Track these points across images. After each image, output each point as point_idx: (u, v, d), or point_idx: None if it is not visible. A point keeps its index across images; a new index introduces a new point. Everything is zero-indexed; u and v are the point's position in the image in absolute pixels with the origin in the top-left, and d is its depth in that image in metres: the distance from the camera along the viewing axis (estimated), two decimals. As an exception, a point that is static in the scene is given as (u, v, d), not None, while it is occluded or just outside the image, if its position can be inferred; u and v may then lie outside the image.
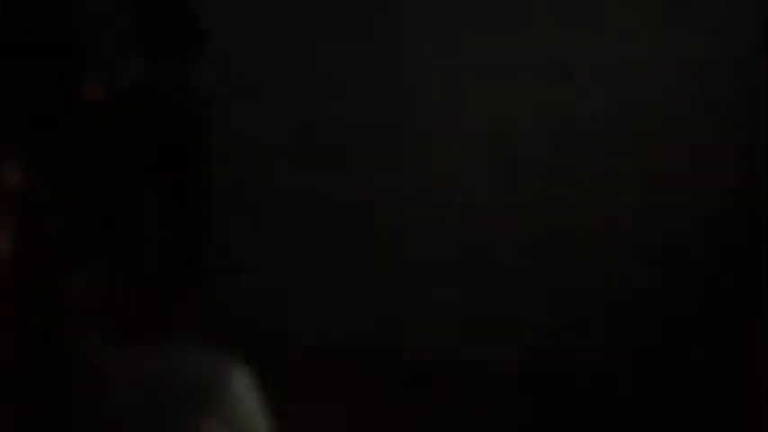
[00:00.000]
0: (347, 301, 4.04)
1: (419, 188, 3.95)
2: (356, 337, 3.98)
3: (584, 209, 3.83)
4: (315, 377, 3.61)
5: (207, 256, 3.04)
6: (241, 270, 4.02)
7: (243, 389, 1.06)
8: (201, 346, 1.07)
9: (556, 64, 3.74)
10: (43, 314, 1.00)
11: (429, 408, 3.71)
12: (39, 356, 1.02)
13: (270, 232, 4.04)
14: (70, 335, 1.06)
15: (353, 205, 3.99)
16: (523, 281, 3.91)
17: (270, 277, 4.09)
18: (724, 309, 3.75)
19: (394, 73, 3.88)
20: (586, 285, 3.84)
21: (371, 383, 3.73)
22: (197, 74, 2.92)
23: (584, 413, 3.72)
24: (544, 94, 3.78)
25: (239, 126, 3.75)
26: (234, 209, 3.75)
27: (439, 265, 3.98)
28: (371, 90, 3.91)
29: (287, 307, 4.07)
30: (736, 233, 3.72)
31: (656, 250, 3.79)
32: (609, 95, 3.76)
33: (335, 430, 3.19)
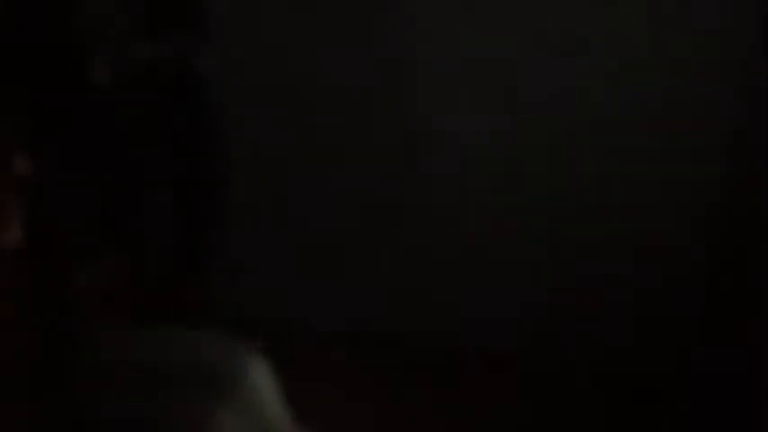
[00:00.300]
0: (348, 296, 4.04)
1: (419, 186, 3.94)
2: (356, 334, 3.98)
3: (584, 208, 3.83)
4: (316, 372, 3.62)
5: (212, 250, 3.04)
6: (241, 269, 4.02)
7: (260, 378, 1.05)
8: (220, 334, 1.06)
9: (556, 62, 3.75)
10: (51, 305, 1.00)
11: (429, 404, 3.71)
12: (48, 346, 1.02)
13: (270, 231, 4.04)
14: (78, 325, 1.05)
15: (354, 204, 3.99)
16: (523, 279, 3.91)
17: (270, 273, 4.08)
18: (724, 309, 3.75)
19: (394, 72, 3.88)
20: (586, 285, 3.84)
21: (372, 381, 3.73)
22: (203, 61, 2.91)
23: (583, 413, 3.72)
24: (544, 93, 3.78)
25: (238, 126, 3.75)
26: (233, 208, 3.74)
27: (439, 263, 3.98)
28: (371, 89, 3.91)
29: (287, 302, 4.07)
30: (736, 233, 3.72)
31: (656, 250, 3.79)
32: (608, 95, 3.76)
33: (338, 423, 3.19)
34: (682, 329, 3.81)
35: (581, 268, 3.84)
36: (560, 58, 3.75)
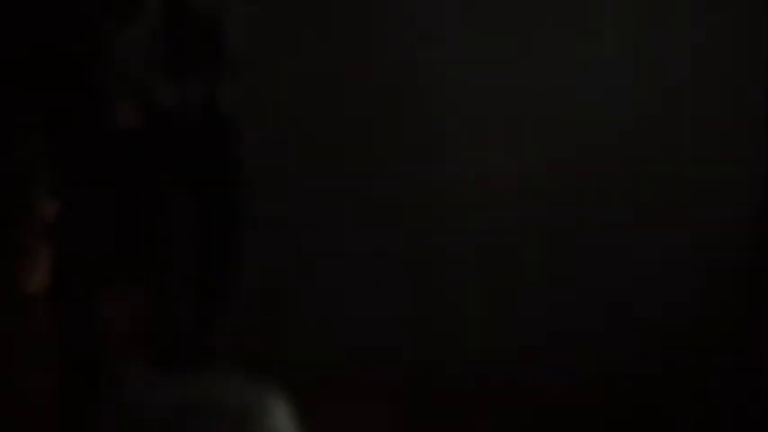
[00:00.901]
0: (348, 304, 4.03)
1: (419, 189, 3.94)
2: (358, 341, 3.97)
3: (585, 212, 3.83)
4: (315, 380, 3.61)
5: (238, 282, 3.02)
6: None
7: (282, 419, 1.05)
8: (242, 375, 1.06)
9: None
10: (80, 343, 1.00)
11: (429, 407, 3.72)
12: (75, 385, 1.02)
13: (269, 233, 4.03)
14: (106, 364, 1.05)
15: (355, 207, 3.97)
16: (525, 280, 3.91)
17: (269, 277, 4.07)
18: (724, 309, 3.76)
19: (394, 72, 3.87)
20: (588, 285, 3.84)
21: (373, 386, 3.73)
22: (225, 98, 2.91)
23: (583, 413, 3.73)
24: (546, 94, 3.78)
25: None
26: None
27: (440, 266, 3.97)
28: (371, 89, 3.90)
29: (286, 307, 4.06)
30: (736, 233, 3.73)
31: (657, 252, 3.80)
32: (608, 95, 3.76)
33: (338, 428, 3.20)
34: (682, 330, 3.81)
35: (581, 271, 3.84)
36: (561, 57, 3.75)
